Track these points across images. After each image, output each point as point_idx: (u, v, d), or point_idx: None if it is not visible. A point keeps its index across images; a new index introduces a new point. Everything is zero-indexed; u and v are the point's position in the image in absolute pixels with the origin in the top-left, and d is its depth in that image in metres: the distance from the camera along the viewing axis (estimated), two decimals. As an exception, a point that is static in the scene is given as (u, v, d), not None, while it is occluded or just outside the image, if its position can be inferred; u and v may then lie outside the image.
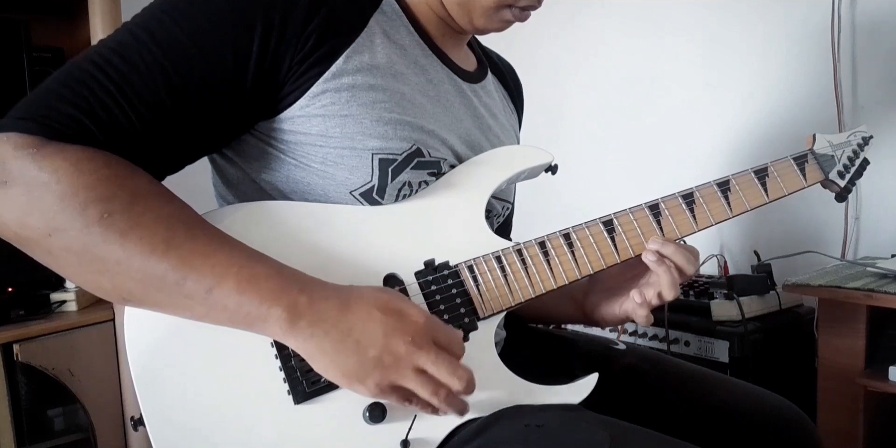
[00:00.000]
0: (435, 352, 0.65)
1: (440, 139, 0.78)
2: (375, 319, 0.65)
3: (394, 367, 0.65)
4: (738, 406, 0.88)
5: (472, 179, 0.80)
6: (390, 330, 0.65)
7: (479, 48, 0.98)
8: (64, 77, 0.65)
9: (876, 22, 1.48)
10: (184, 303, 0.65)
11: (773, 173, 0.86)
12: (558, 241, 0.79)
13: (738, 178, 0.85)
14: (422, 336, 0.65)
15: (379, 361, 0.64)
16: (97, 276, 0.64)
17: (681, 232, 0.82)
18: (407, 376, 0.65)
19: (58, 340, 1.40)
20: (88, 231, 0.62)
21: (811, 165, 0.89)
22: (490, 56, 1.00)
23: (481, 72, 0.93)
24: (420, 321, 0.66)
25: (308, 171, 0.74)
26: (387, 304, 0.66)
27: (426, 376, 0.65)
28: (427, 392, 0.65)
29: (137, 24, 0.68)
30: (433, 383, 0.65)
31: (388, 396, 0.66)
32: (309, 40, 0.69)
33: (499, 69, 1.00)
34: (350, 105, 0.72)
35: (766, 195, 0.85)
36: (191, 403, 0.69)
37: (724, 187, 0.84)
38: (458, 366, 0.66)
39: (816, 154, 0.90)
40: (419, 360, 0.65)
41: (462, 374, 0.65)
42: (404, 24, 0.80)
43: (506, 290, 0.77)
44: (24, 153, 0.61)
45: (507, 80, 1.01)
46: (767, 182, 0.85)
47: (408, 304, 0.68)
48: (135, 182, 0.65)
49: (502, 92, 1.00)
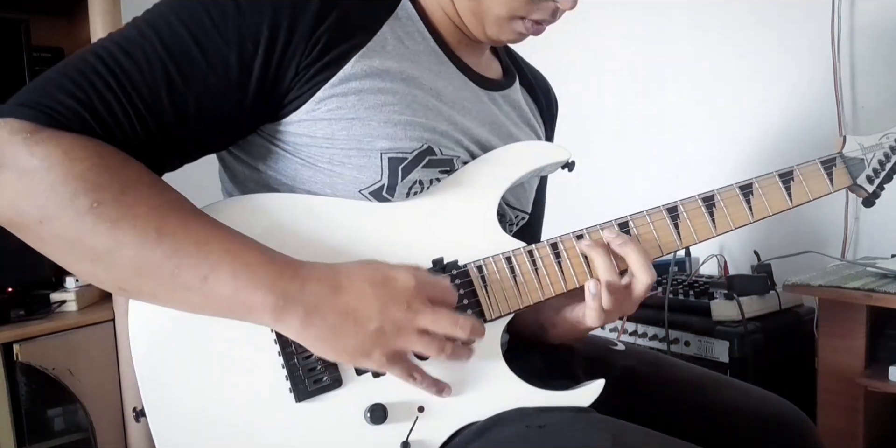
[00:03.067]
0: (431, 310, 0.66)
1: (454, 140, 0.77)
2: (368, 295, 0.65)
3: (396, 335, 0.65)
4: (738, 407, 0.88)
5: (484, 177, 0.77)
6: (385, 301, 0.65)
7: (507, 58, 0.95)
8: (66, 67, 0.65)
9: (876, 23, 1.48)
10: (179, 293, 0.64)
11: (799, 177, 0.82)
12: (571, 243, 0.77)
13: (761, 182, 0.81)
14: (416, 298, 0.66)
15: (381, 332, 0.65)
16: (91, 266, 0.64)
17: (699, 236, 0.79)
18: (411, 339, 0.66)
19: (58, 340, 1.40)
20: (79, 220, 0.61)
21: (839, 169, 0.84)
22: (521, 67, 0.97)
23: (507, 80, 0.90)
24: (410, 285, 0.66)
25: (316, 170, 0.74)
26: (375, 275, 0.67)
27: (430, 336, 0.66)
28: (434, 350, 0.67)
29: (145, 21, 0.68)
30: (438, 340, 0.67)
31: (395, 366, 0.67)
32: (317, 46, 0.68)
33: (528, 81, 0.97)
34: (357, 108, 0.71)
35: (790, 200, 0.81)
36: (192, 398, 0.69)
37: (746, 191, 0.80)
38: (456, 317, 0.67)
39: (846, 157, 0.85)
40: (420, 322, 0.66)
41: (463, 322, 0.67)
42: (419, 30, 0.79)
43: (514, 292, 0.75)
44: (18, 138, 0.61)
45: (536, 93, 0.97)
46: (792, 186, 0.81)
47: (395, 269, 0.67)
48: (127, 172, 0.64)
49: (531, 103, 0.96)
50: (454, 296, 0.70)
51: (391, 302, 0.65)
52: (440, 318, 0.66)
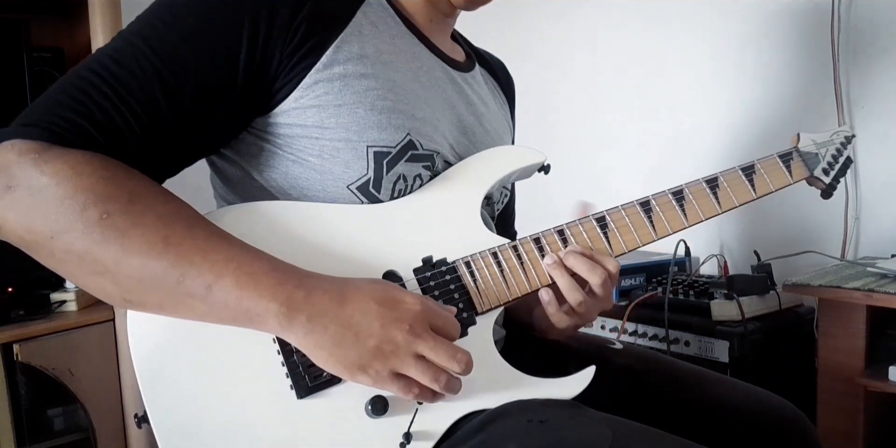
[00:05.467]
0: (433, 338, 0.67)
1: (432, 126, 0.80)
2: (372, 311, 0.66)
3: (394, 355, 0.66)
4: (736, 405, 0.88)
5: (467, 177, 0.82)
6: (388, 320, 0.66)
7: (465, 43, 1.00)
8: (63, 85, 0.67)
9: (875, 21, 1.48)
10: (185, 301, 0.65)
11: (760, 170, 0.89)
12: (553, 238, 0.81)
13: (725, 175, 0.87)
14: (419, 323, 0.66)
15: (379, 350, 0.65)
16: (99, 278, 0.65)
17: (672, 227, 0.84)
18: (407, 363, 0.66)
19: (58, 340, 1.40)
20: (89, 232, 0.63)
21: (796, 162, 0.92)
22: (478, 51, 1.03)
23: (469, 63, 0.96)
24: (416, 309, 0.67)
25: (305, 166, 0.75)
26: (383, 295, 0.67)
27: (426, 363, 0.67)
28: (428, 378, 0.67)
29: (132, 31, 0.70)
30: (433, 370, 0.67)
31: (391, 385, 0.67)
32: (297, 33, 0.71)
33: (486, 62, 1.03)
34: (343, 94, 0.73)
35: (753, 191, 0.88)
36: (194, 400, 0.69)
37: (712, 184, 0.86)
38: (456, 349, 0.67)
39: (801, 152, 0.93)
40: (418, 348, 0.66)
41: (461, 357, 0.67)
42: (391, 15, 0.82)
43: (503, 285, 0.79)
44: (27, 158, 0.63)
45: (496, 72, 1.04)
46: (755, 178, 0.88)
47: (403, 293, 0.69)
48: (133, 183, 0.66)
49: (492, 83, 1.02)
50: (457, 329, 0.70)
51: (394, 322, 0.66)
52: (439, 347, 0.66)
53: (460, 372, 0.67)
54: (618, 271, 0.80)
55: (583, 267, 0.78)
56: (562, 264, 0.79)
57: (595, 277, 0.78)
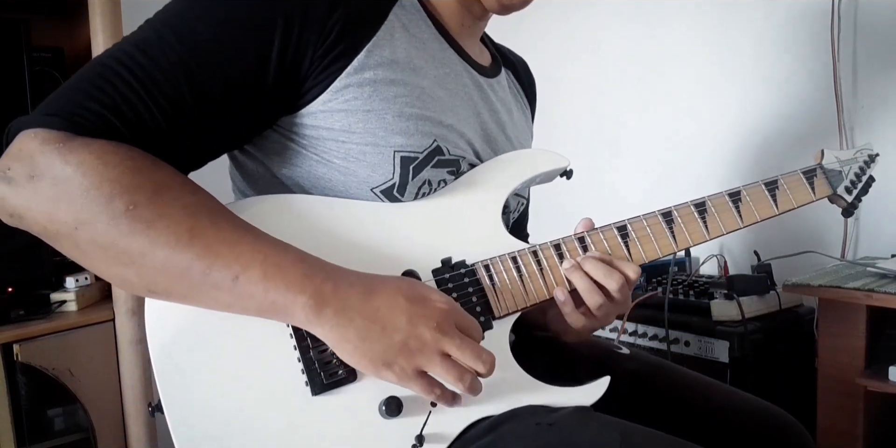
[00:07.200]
0: (459, 337, 0.66)
1: (458, 133, 0.80)
2: (400, 306, 0.66)
3: (420, 352, 0.65)
4: (736, 414, 0.88)
5: (490, 180, 0.81)
6: (415, 316, 0.65)
7: (492, 44, 0.99)
8: (89, 73, 0.65)
9: (876, 22, 1.48)
10: (210, 293, 0.65)
11: (783, 185, 0.88)
12: (573, 245, 0.80)
13: (748, 189, 0.86)
14: (446, 321, 0.66)
15: (405, 346, 0.65)
16: (123, 269, 0.65)
17: (693, 240, 0.83)
18: (433, 361, 0.65)
19: (58, 340, 1.40)
20: (115, 223, 0.62)
21: (820, 180, 0.91)
22: (502, 52, 1.02)
23: (496, 67, 0.94)
24: (444, 307, 0.67)
25: (330, 167, 0.75)
26: (410, 291, 0.67)
27: (451, 362, 0.66)
28: (452, 377, 0.66)
29: (160, 21, 0.68)
30: (458, 369, 0.66)
31: (414, 383, 0.67)
32: (331, 35, 0.69)
33: (511, 63, 1.01)
34: (372, 100, 0.73)
35: (776, 207, 0.87)
36: (210, 393, 0.69)
37: (735, 197, 0.85)
38: (481, 349, 0.67)
39: (825, 169, 0.92)
40: (445, 345, 0.65)
41: (486, 357, 0.67)
42: (423, 18, 0.81)
43: (521, 290, 0.78)
44: (51, 148, 0.62)
45: (519, 74, 1.02)
46: (777, 194, 0.87)
47: (431, 290, 0.69)
48: (159, 173, 0.65)
49: (516, 86, 1.01)
50: (480, 332, 0.70)
51: (421, 318, 0.65)
52: (466, 347, 0.66)
53: (484, 373, 0.67)
54: (637, 277, 0.79)
55: (600, 272, 0.78)
56: (580, 268, 0.78)
57: (612, 283, 0.77)
